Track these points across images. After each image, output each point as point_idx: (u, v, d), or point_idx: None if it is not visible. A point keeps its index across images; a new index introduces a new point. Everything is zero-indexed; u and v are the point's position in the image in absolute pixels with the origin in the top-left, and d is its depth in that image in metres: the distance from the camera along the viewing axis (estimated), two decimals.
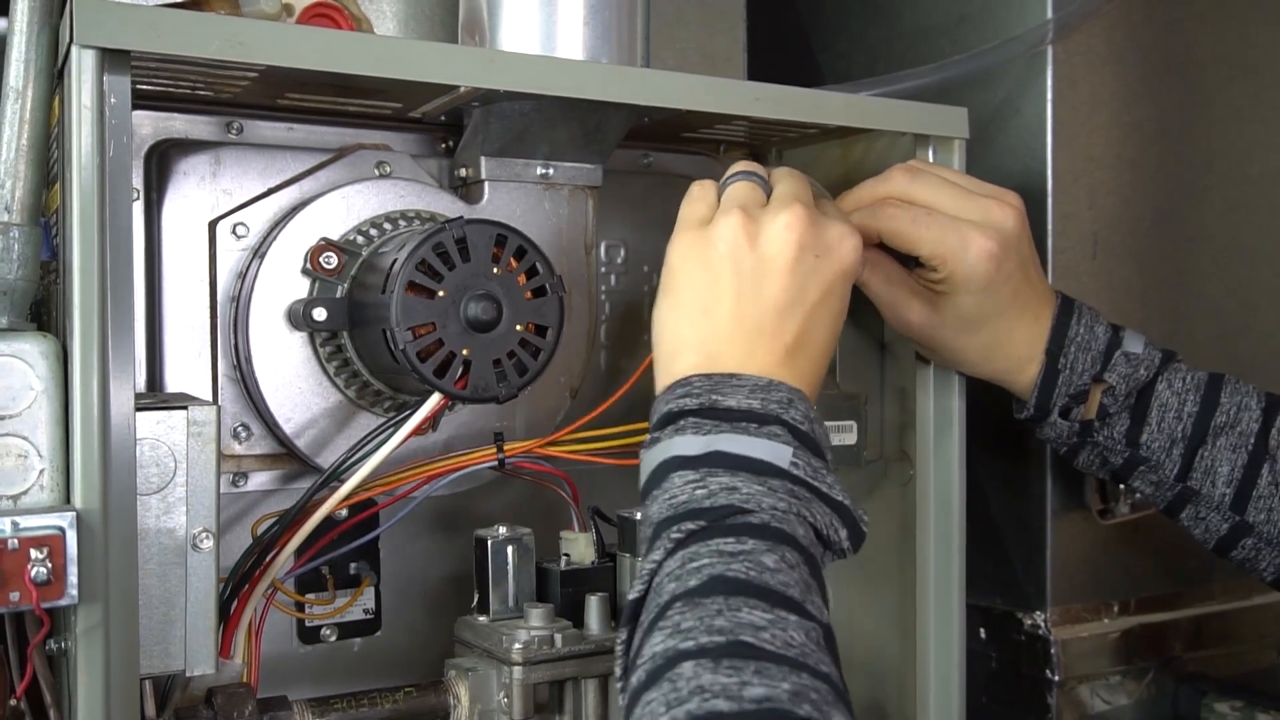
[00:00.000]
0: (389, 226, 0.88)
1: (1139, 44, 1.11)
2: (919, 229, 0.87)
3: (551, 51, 0.85)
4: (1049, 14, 1.05)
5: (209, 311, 0.87)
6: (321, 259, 0.84)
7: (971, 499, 0.97)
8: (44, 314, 0.80)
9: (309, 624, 0.93)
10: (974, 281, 0.87)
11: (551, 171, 0.93)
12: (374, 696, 0.86)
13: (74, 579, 0.66)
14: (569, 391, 0.96)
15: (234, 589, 0.80)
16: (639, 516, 0.72)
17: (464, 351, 0.79)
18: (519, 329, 0.81)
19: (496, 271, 0.81)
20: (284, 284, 0.85)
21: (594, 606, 0.88)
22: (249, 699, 0.80)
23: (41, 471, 0.69)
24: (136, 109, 0.74)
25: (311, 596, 0.92)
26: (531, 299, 0.82)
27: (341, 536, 0.86)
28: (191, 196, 0.87)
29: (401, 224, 0.88)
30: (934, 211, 0.87)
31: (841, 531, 0.72)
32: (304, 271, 0.85)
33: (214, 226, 0.87)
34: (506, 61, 0.81)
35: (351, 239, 0.87)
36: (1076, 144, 1.08)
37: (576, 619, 0.89)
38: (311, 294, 0.86)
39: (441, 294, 0.79)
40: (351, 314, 0.83)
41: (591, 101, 0.84)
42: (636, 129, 0.94)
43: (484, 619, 0.89)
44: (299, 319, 0.84)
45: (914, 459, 0.98)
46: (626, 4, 0.88)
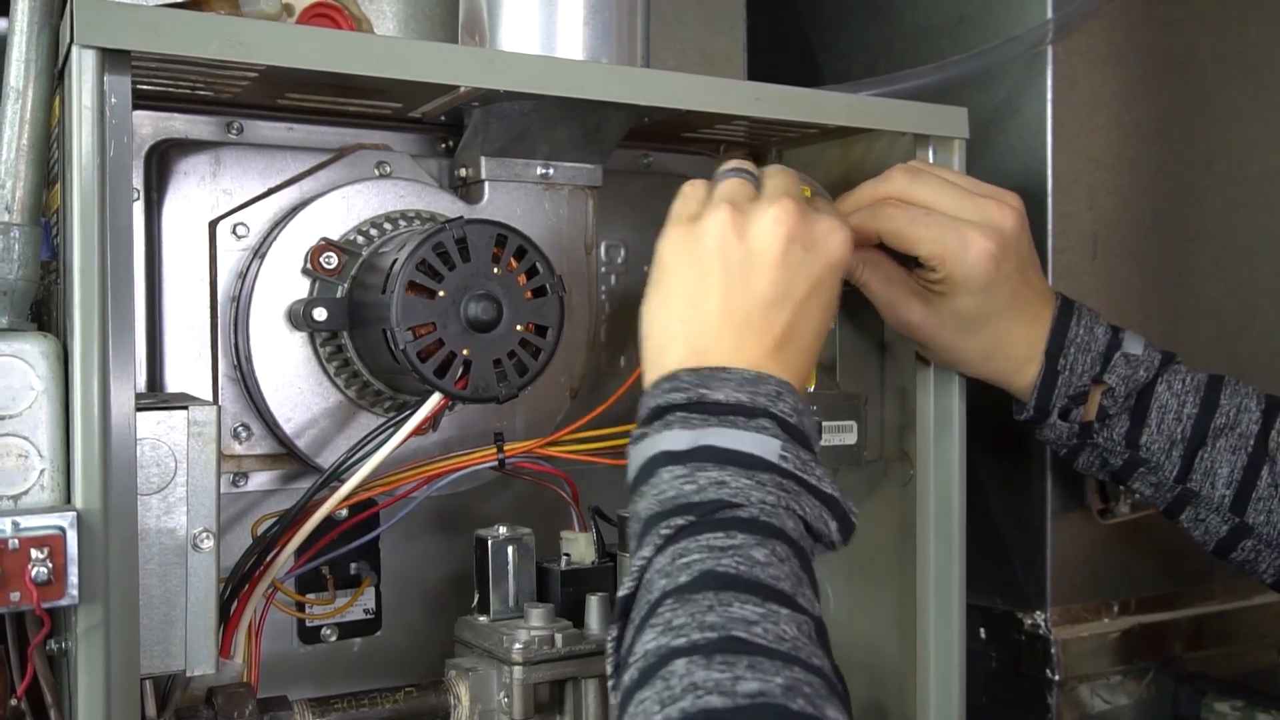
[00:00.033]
0: (389, 226, 0.88)
1: (1139, 44, 1.11)
2: (918, 229, 0.87)
3: (551, 51, 0.85)
4: (1049, 14, 1.05)
5: (209, 311, 0.87)
6: (322, 259, 0.84)
7: (971, 499, 0.97)
8: (44, 314, 0.80)
9: (309, 624, 0.93)
10: (973, 282, 0.87)
11: (551, 171, 0.93)
12: (374, 696, 0.86)
13: (74, 579, 0.66)
14: (569, 391, 0.96)
15: (234, 589, 0.80)
16: (628, 512, 0.72)
17: (464, 351, 0.79)
18: (519, 329, 0.81)
19: (497, 271, 0.81)
20: (284, 284, 0.85)
21: (594, 606, 0.88)
22: (249, 699, 0.80)
23: (42, 471, 0.69)
24: (137, 109, 0.74)
25: (312, 596, 0.92)
26: (531, 299, 0.82)
27: (342, 536, 0.86)
28: (192, 196, 0.87)
29: (401, 224, 0.88)
30: (933, 212, 0.87)
31: (831, 524, 0.71)
32: (304, 271, 0.85)
33: (214, 226, 0.87)
34: (506, 61, 0.81)
35: (351, 239, 0.87)
36: (1076, 144, 1.08)
37: (577, 619, 0.89)
38: (312, 294, 0.86)
39: (442, 294, 0.79)
40: (352, 314, 0.83)
41: (591, 101, 0.84)
42: (636, 129, 0.94)
43: (484, 619, 0.89)
44: (299, 319, 0.84)
45: (914, 459, 0.98)
46: (626, 4, 0.88)
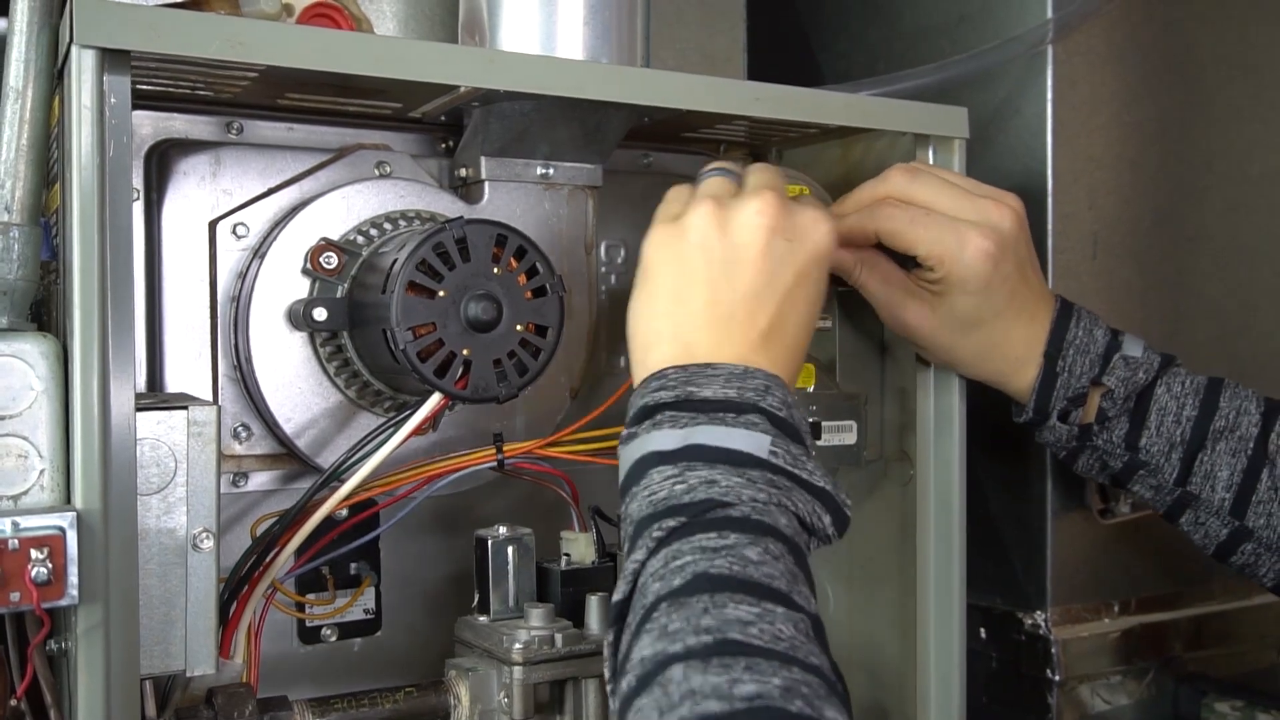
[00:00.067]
0: (389, 226, 0.88)
1: (1139, 44, 1.11)
2: (916, 228, 0.87)
3: (551, 51, 0.85)
4: (1049, 14, 1.05)
5: (209, 311, 0.87)
6: (322, 259, 0.84)
7: (971, 499, 0.97)
8: (44, 314, 0.80)
9: (309, 624, 0.93)
10: (971, 281, 0.87)
11: (551, 171, 0.93)
12: (374, 696, 0.86)
13: (74, 579, 0.66)
14: (569, 391, 0.96)
15: (234, 589, 0.80)
16: (620, 514, 0.72)
17: (464, 351, 0.79)
18: (519, 329, 0.81)
19: (497, 271, 0.81)
20: (284, 284, 0.85)
21: (594, 606, 0.88)
22: (249, 699, 0.80)
23: (42, 472, 0.68)
24: (136, 109, 0.74)
25: (312, 596, 0.92)
26: (532, 299, 0.82)
27: (341, 536, 0.86)
28: (191, 196, 0.87)
29: (401, 224, 0.88)
30: (932, 212, 0.87)
31: (825, 518, 0.71)
32: (304, 271, 0.85)
33: (214, 226, 0.87)
34: (506, 61, 0.81)
35: (351, 239, 0.87)
36: (1076, 144, 1.08)
37: (577, 619, 0.89)
38: (312, 294, 0.86)
39: (442, 294, 0.79)
40: (352, 314, 0.83)
41: (591, 101, 0.84)
42: (636, 129, 0.94)
43: (484, 619, 0.89)
44: (299, 319, 0.84)
45: (914, 459, 0.98)
46: (626, 4, 0.88)
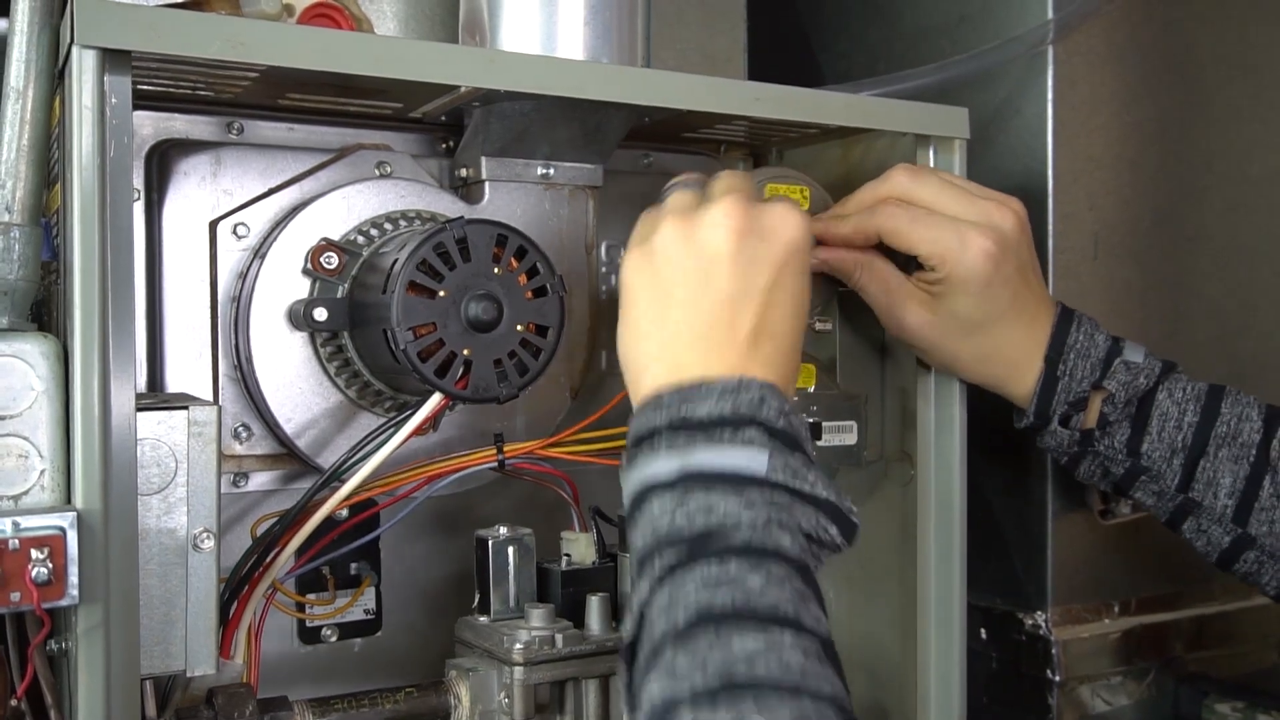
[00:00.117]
0: (389, 226, 0.88)
1: (1139, 44, 1.11)
2: (918, 228, 0.87)
3: (552, 51, 0.85)
4: (1049, 14, 1.05)
5: (209, 311, 0.87)
6: (322, 259, 0.84)
7: (972, 499, 0.97)
8: (44, 314, 0.80)
9: (309, 624, 0.93)
10: (972, 282, 0.87)
11: (552, 171, 0.93)
12: (374, 697, 0.86)
13: (75, 579, 0.66)
14: (569, 391, 0.96)
15: (234, 589, 0.80)
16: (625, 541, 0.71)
17: (465, 351, 0.79)
18: (520, 329, 0.81)
19: (497, 271, 0.80)
20: (284, 284, 0.85)
21: (595, 607, 0.88)
22: (249, 699, 0.80)
23: (42, 472, 0.68)
24: (137, 109, 0.74)
25: (312, 597, 0.92)
26: (532, 299, 0.82)
27: (342, 537, 0.86)
28: (192, 196, 0.87)
29: (402, 224, 0.88)
30: (933, 212, 0.87)
31: (831, 529, 0.70)
32: (304, 271, 0.85)
33: (214, 226, 0.87)
34: (507, 61, 0.81)
35: (352, 239, 0.87)
36: (1076, 144, 1.08)
37: (577, 619, 0.89)
38: (312, 294, 0.86)
39: (442, 294, 0.79)
40: (352, 314, 0.83)
41: (592, 101, 0.83)
42: (637, 129, 0.94)
43: (485, 619, 0.89)
44: (300, 319, 0.84)
45: (915, 459, 0.98)
46: (627, 4, 0.88)
